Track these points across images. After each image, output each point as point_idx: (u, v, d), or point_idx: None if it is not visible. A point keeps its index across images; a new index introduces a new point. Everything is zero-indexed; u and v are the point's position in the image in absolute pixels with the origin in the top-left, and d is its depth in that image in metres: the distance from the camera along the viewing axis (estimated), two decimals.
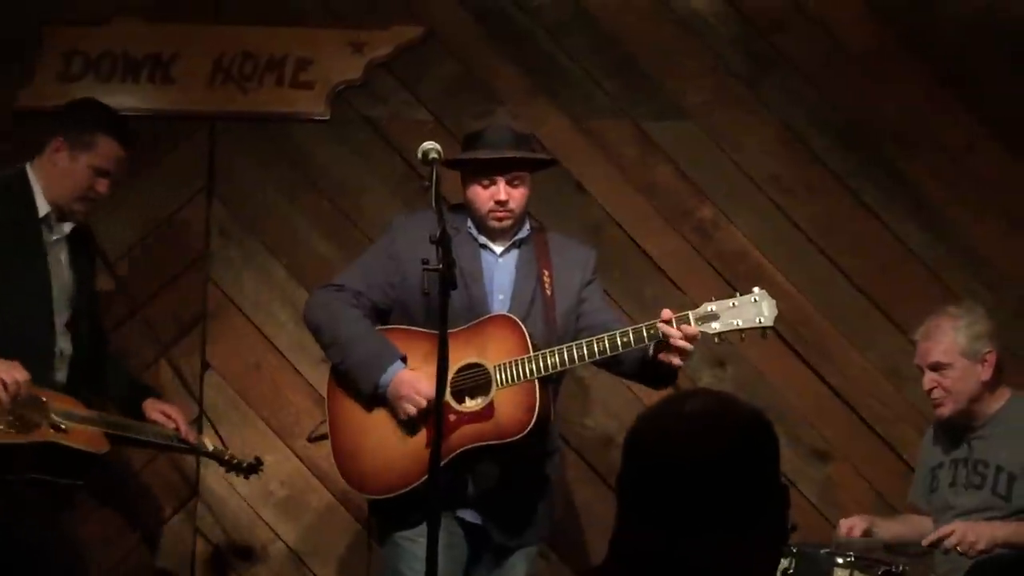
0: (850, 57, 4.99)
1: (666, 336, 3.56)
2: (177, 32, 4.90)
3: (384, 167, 4.92)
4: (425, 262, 3.30)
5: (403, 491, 3.67)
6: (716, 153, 4.95)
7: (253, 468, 4.42)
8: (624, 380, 4.29)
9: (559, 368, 3.64)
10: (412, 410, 3.65)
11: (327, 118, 4.92)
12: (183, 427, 4.16)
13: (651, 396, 4.60)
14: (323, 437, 3.87)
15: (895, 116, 4.97)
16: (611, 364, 3.83)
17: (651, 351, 3.64)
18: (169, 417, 4.14)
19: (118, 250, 4.84)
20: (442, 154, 3.42)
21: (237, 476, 4.44)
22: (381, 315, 3.85)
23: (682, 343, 3.55)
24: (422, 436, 3.67)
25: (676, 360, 3.59)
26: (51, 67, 4.86)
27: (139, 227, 4.88)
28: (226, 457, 4.37)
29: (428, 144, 3.43)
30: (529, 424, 3.61)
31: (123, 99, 4.84)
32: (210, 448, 4.35)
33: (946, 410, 3.86)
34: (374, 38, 4.93)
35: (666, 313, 3.59)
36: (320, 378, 4.67)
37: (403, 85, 4.95)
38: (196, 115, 4.91)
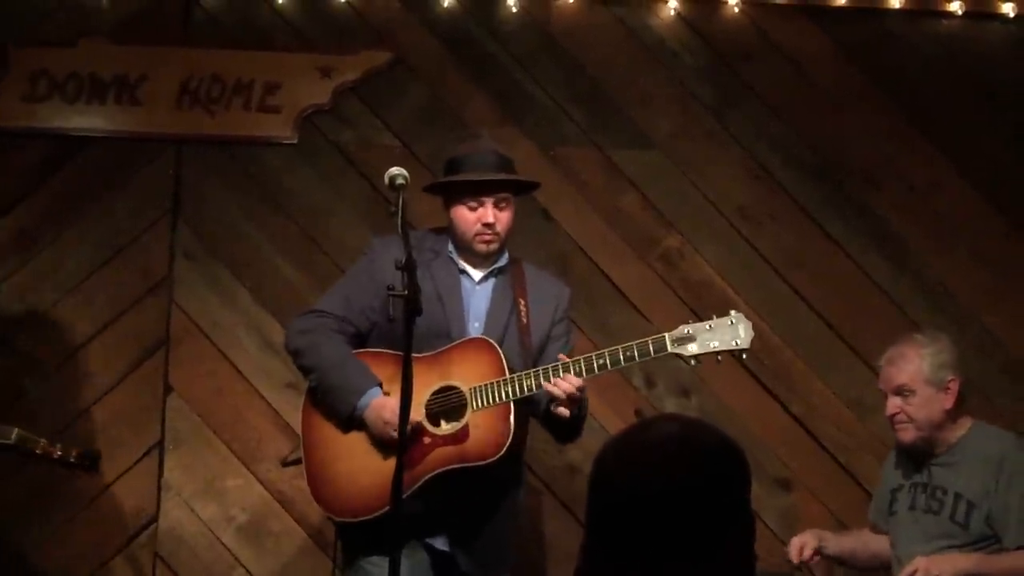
0: (817, 91, 5.04)
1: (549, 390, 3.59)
2: (144, 54, 4.88)
3: (351, 192, 4.91)
4: (391, 288, 3.29)
5: (376, 514, 3.62)
6: (682, 182, 4.98)
7: (87, 461, 4.13)
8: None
9: (535, 391, 3.63)
10: (396, 435, 3.52)
11: (294, 142, 4.91)
12: None
13: (617, 424, 4.62)
14: (297, 462, 3.84)
15: (861, 150, 5.02)
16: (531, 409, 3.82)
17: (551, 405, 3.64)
18: None
19: (81, 271, 4.81)
20: (409, 180, 3.42)
21: (71, 471, 4.16)
22: (362, 340, 3.82)
23: (558, 391, 3.57)
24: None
25: (562, 411, 3.60)
26: (17, 88, 4.83)
27: (103, 248, 4.84)
28: (38, 450, 3.99)
29: (395, 170, 3.43)
30: (503, 446, 3.59)
31: (89, 120, 4.84)
32: (11, 439, 3.94)
33: (908, 436, 3.87)
34: (342, 63, 4.93)
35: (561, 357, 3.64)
36: (283, 403, 4.68)
37: (371, 110, 4.95)
38: (162, 137, 4.89)
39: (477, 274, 3.82)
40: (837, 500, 4.84)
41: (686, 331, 3.63)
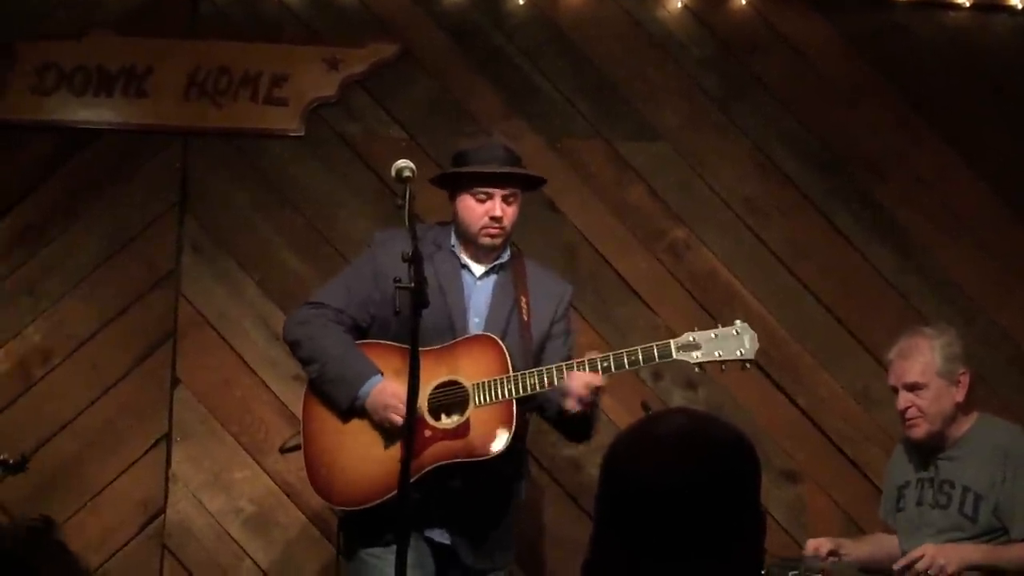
0: (824, 83, 5.04)
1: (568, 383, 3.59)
2: (152, 46, 4.88)
3: (358, 184, 4.91)
4: (398, 280, 3.29)
5: (374, 503, 3.64)
6: (689, 174, 4.98)
7: (17, 466, 4.22)
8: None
9: (537, 390, 3.63)
10: (397, 419, 3.57)
11: (301, 134, 4.91)
12: None
13: (624, 417, 4.62)
14: (296, 448, 3.85)
15: (868, 141, 5.02)
16: (540, 408, 3.82)
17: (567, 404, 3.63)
18: None
19: (89, 263, 4.82)
20: (415, 172, 3.42)
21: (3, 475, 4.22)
22: (361, 332, 3.83)
23: (580, 389, 3.57)
24: (395, 450, 3.64)
25: (571, 404, 3.61)
26: (25, 81, 4.82)
27: (111, 241, 4.84)
28: None
29: (402, 162, 3.42)
30: (503, 444, 3.60)
31: (97, 113, 4.84)
32: None
33: (920, 431, 3.84)
34: (349, 55, 4.93)
35: (591, 354, 3.63)
36: (290, 394, 4.68)
37: (378, 103, 4.95)
38: (169, 129, 4.89)
39: (478, 269, 3.82)
40: (844, 492, 4.84)
41: (691, 339, 3.63)
